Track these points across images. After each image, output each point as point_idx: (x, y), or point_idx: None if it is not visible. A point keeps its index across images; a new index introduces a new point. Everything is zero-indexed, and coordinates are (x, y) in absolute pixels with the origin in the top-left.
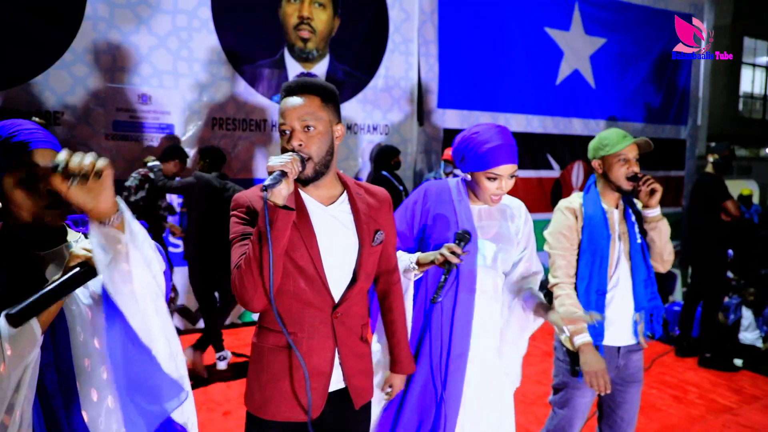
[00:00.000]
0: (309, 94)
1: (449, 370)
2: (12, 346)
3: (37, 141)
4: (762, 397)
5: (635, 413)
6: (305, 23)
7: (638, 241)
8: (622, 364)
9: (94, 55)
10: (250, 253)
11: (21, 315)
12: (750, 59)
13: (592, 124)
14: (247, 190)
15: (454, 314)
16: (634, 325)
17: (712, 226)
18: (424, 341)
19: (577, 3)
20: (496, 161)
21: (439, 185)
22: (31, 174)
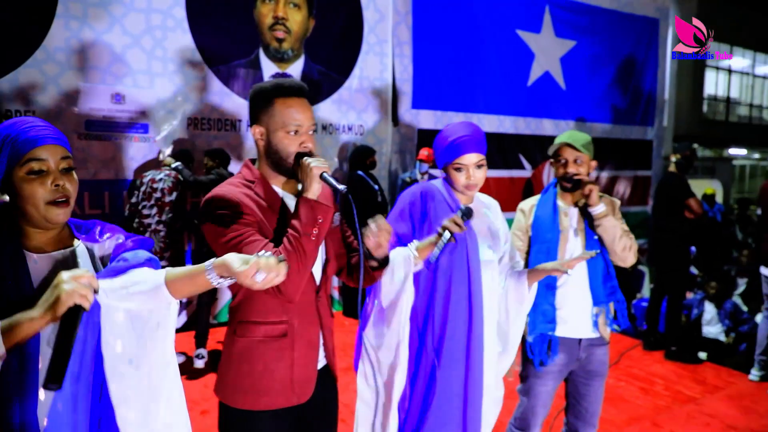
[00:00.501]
0: (306, 98)
1: (471, 359)
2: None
3: (47, 137)
4: (724, 388)
5: (599, 404)
6: (280, 23)
7: (595, 237)
8: (584, 356)
9: (67, 53)
10: (292, 248)
11: (57, 377)
12: (714, 62)
13: (563, 124)
14: (223, 188)
15: (471, 305)
16: (594, 318)
17: (676, 225)
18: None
19: (548, 6)
20: (460, 151)
21: (431, 187)
22: (40, 168)
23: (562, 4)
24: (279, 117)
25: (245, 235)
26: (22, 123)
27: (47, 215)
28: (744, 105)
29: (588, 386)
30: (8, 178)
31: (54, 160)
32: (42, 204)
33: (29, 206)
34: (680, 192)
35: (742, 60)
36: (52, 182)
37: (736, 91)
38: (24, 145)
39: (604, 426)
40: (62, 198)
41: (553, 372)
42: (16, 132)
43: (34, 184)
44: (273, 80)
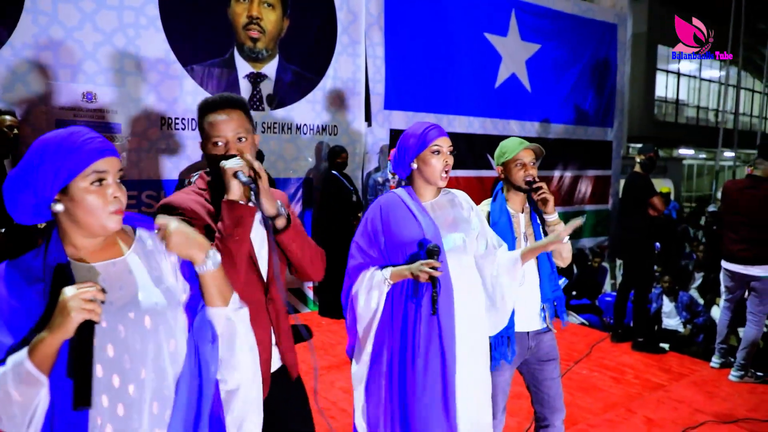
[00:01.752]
0: (234, 108)
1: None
2: (20, 393)
3: (107, 150)
4: (689, 375)
5: (558, 387)
6: (254, 23)
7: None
8: (534, 345)
9: (35, 50)
10: (222, 250)
11: (84, 397)
12: (663, 66)
13: (528, 125)
14: (173, 196)
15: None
16: (542, 313)
17: (642, 222)
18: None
19: (514, 10)
20: (435, 135)
21: (389, 197)
22: (102, 179)
23: (528, 9)
24: (206, 132)
25: None
26: (81, 134)
27: (107, 224)
28: (692, 107)
29: (543, 371)
30: (65, 188)
31: (113, 172)
32: (103, 214)
33: (89, 216)
34: (645, 191)
35: (690, 64)
36: (111, 193)
37: (684, 93)
38: (88, 156)
39: (581, 414)
40: (120, 208)
41: (509, 364)
42: (77, 144)
43: (96, 195)
44: (209, 97)
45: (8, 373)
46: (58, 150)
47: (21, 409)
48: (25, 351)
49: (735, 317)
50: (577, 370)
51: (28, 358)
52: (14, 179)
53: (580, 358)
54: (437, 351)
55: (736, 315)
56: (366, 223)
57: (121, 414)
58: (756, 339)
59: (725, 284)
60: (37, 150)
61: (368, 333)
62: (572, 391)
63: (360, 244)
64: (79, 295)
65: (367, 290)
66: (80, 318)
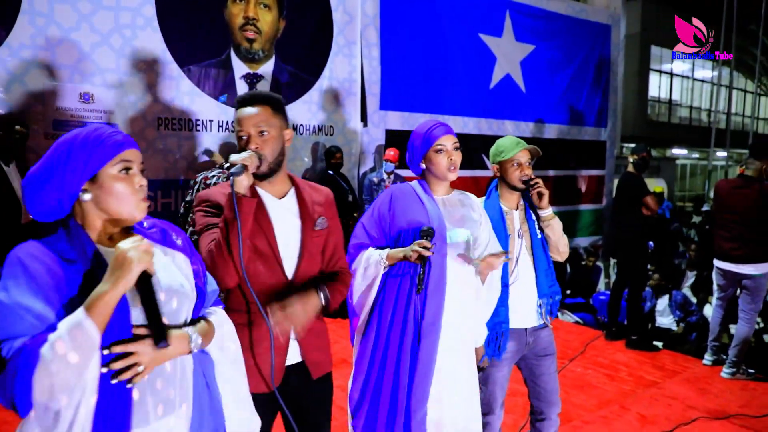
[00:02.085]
0: (260, 105)
1: (422, 341)
2: (78, 353)
3: (131, 142)
4: (681, 372)
5: (555, 382)
6: (251, 24)
7: (538, 237)
8: (531, 341)
9: (33, 51)
10: (220, 237)
11: (161, 335)
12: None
13: (523, 126)
14: (209, 189)
15: (426, 295)
16: (538, 309)
17: (635, 220)
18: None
19: (509, 11)
20: (439, 134)
21: (402, 188)
22: (129, 168)
23: (522, 10)
24: (236, 126)
25: (205, 228)
26: (105, 128)
27: (135, 212)
28: (684, 107)
29: (540, 366)
30: (94, 177)
31: (137, 163)
32: (132, 201)
33: (118, 202)
34: (638, 190)
35: (683, 64)
36: (138, 182)
37: (677, 93)
38: (115, 146)
39: (575, 410)
40: (145, 196)
41: (507, 359)
42: (104, 136)
43: (125, 183)
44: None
45: (64, 336)
46: (86, 142)
47: (76, 372)
48: (81, 311)
49: (727, 315)
50: (571, 368)
51: (87, 316)
52: (37, 175)
53: (575, 355)
54: (412, 333)
55: (728, 313)
56: (374, 207)
57: (159, 388)
58: (747, 336)
59: (717, 282)
60: (64, 145)
61: (360, 311)
62: (567, 388)
63: (365, 224)
64: (138, 246)
65: (364, 268)
66: (141, 267)
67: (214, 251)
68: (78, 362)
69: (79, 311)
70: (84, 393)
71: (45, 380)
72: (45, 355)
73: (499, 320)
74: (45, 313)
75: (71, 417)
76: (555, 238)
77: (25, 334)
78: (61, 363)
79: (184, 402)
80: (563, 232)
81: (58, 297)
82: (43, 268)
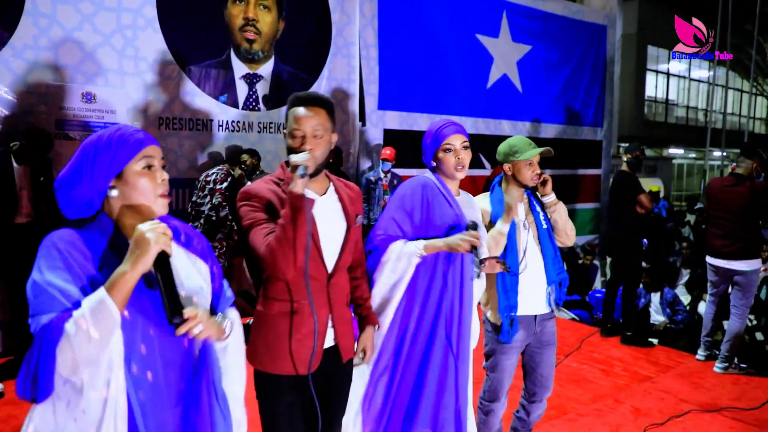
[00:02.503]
0: (315, 106)
1: (460, 339)
2: (98, 330)
3: (152, 139)
4: (675, 367)
5: (552, 369)
6: (250, 24)
7: (544, 227)
8: (539, 330)
9: (35, 51)
10: (280, 233)
11: (177, 310)
12: (653, 66)
13: (519, 125)
14: (253, 184)
15: (462, 293)
16: (548, 296)
17: (629, 219)
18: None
19: (505, 11)
20: (448, 133)
21: (427, 180)
22: (151, 164)
23: (519, 11)
24: (289, 124)
25: (256, 223)
26: (126, 127)
27: (155, 206)
28: (681, 107)
29: (542, 354)
30: (120, 174)
31: (158, 159)
32: (154, 195)
33: (142, 197)
34: (632, 189)
35: (679, 64)
36: (160, 176)
37: (674, 93)
38: (137, 144)
39: (570, 404)
40: (166, 191)
41: (516, 347)
42: (127, 135)
43: (148, 178)
44: (297, 93)
45: (86, 313)
46: (109, 142)
47: (98, 347)
48: (102, 290)
49: (720, 311)
50: (567, 363)
51: (108, 294)
52: (68, 177)
53: (571, 351)
54: (445, 325)
55: (720, 309)
56: (405, 198)
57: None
58: (739, 331)
59: (710, 279)
60: (90, 146)
61: (388, 302)
62: (562, 382)
63: (396, 217)
64: (156, 228)
65: (396, 260)
66: (158, 248)
67: (275, 246)
68: (99, 338)
69: (101, 290)
70: (111, 370)
71: (68, 353)
72: (69, 329)
73: (509, 304)
74: (72, 292)
75: (102, 396)
76: (561, 221)
77: (53, 311)
78: (83, 337)
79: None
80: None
81: (86, 278)
82: (74, 250)
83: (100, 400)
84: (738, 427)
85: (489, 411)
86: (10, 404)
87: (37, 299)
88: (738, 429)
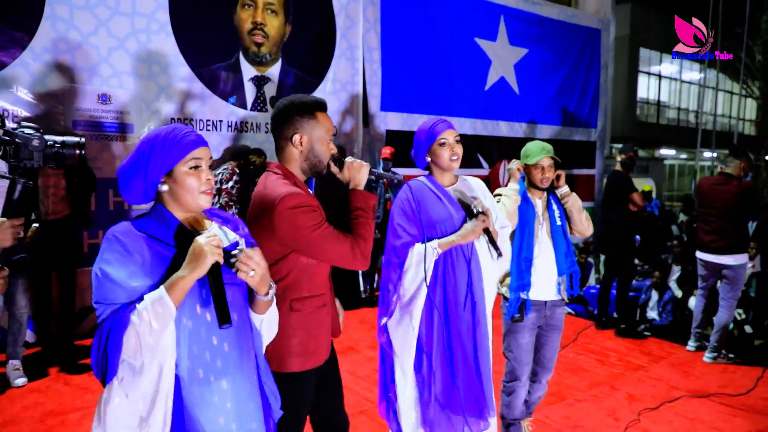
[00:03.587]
0: None
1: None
2: (157, 322)
3: (202, 141)
4: (666, 357)
5: (556, 352)
6: (259, 28)
7: (558, 224)
8: (549, 314)
9: (54, 54)
10: (365, 226)
11: (225, 317)
12: (645, 68)
13: (516, 126)
14: (294, 191)
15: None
16: (558, 286)
17: (623, 217)
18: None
19: (503, 16)
20: (441, 129)
21: (415, 183)
22: (198, 165)
23: (516, 15)
24: (319, 130)
25: (324, 225)
26: (180, 129)
27: (200, 201)
28: (672, 108)
29: (548, 337)
30: (170, 172)
31: (205, 159)
32: (197, 193)
33: (188, 194)
34: (625, 188)
35: (671, 66)
36: (205, 177)
37: (666, 95)
38: (188, 145)
39: (569, 390)
40: (210, 189)
41: (527, 327)
42: (179, 136)
43: (193, 178)
44: (308, 96)
45: (148, 306)
46: (164, 142)
47: (156, 337)
48: (162, 288)
49: (709, 304)
50: (564, 354)
51: (167, 293)
52: (128, 168)
53: (567, 343)
54: (470, 307)
55: (710, 302)
56: (402, 205)
57: (208, 359)
58: (728, 323)
59: (699, 273)
60: (147, 143)
61: (415, 303)
62: (560, 371)
63: (402, 224)
64: (211, 241)
65: (417, 263)
66: (213, 259)
67: (367, 238)
68: (158, 329)
69: (161, 289)
70: (165, 354)
71: (133, 340)
72: (134, 320)
73: (522, 283)
74: (134, 286)
75: (156, 375)
76: (576, 211)
77: (115, 302)
78: (146, 327)
79: (226, 376)
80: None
81: (144, 270)
82: (134, 245)
83: (154, 380)
84: (726, 411)
85: (511, 391)
86: (35, 392)
87: (100, 289)
88: (726, 413)
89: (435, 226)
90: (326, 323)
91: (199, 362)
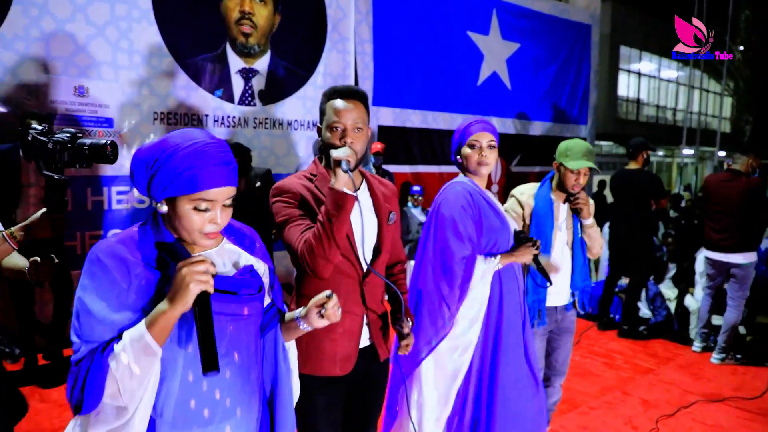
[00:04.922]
0: (355, 100)
1: (525, 332)
2: (138, 365)
3: (222, 179)
4: (674, 359)
5: (568, 355)
6: (246, 18)
7: (579, 236)
8: (560, 318)
9: (26, 43)
10: (320, 230)
11: (212, 363)
12: (625, 66)
13: (508, 122)
14: (286, 180)
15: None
16: (572, 299)
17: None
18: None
19: (495, 9)
20: (474, 130)
21: (466, 186)
22: (207, 208)
23: (508, 8)
24: (327, 116)
25: (292, 219)
26: (211, 155)
27: (197, 241)
28: (651, 106)
29: (560, 340)
30: (171, 197)
31: (221, 200)
32: (197, 233)
33: (184, 231)
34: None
35: (650, 64)
36: (211, 219)
37: (645, 93)
38: (203, 183)
39: (581, 397)
40: (216, 231)
41: (539, 333)
42: (197, 164)
43: (195, 217)
44: (334, 85)
45: (127, 347)
46: (184, 160)
47: (139, 381)
48: (143, 325)
49: (715, 303)
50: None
51: (147, 331)
52: (140, 160)
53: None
54: (521, 319)
55: (716, 301)
56: (464, 207)
57: (218, 398)
58: (736, 323)
59: (706, 272)
60: (163, 151)
61: (478, 316)
62: (568, 375)
63: (468, 231)
64: (193, 268)
65: (481, 277)
66: (197, 289)
67: (314, 244)
68: (140, 373)
69: (141, 325)
70: (147, 390)
71: (113, 386)
72: (112, 366)
73: (538, 298)
74: (114, 319)
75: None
76: (591, 243)
77: (93, 339)
78: (125, 372)
79: (238, 406)
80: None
81: (129, 299)
82: (119, 267)
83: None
84: (744, 416)
85: None
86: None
87: (79, 320)
88: (744, 417)
89: (488, 235)
90: (329, 335)
91: (181, 410)
